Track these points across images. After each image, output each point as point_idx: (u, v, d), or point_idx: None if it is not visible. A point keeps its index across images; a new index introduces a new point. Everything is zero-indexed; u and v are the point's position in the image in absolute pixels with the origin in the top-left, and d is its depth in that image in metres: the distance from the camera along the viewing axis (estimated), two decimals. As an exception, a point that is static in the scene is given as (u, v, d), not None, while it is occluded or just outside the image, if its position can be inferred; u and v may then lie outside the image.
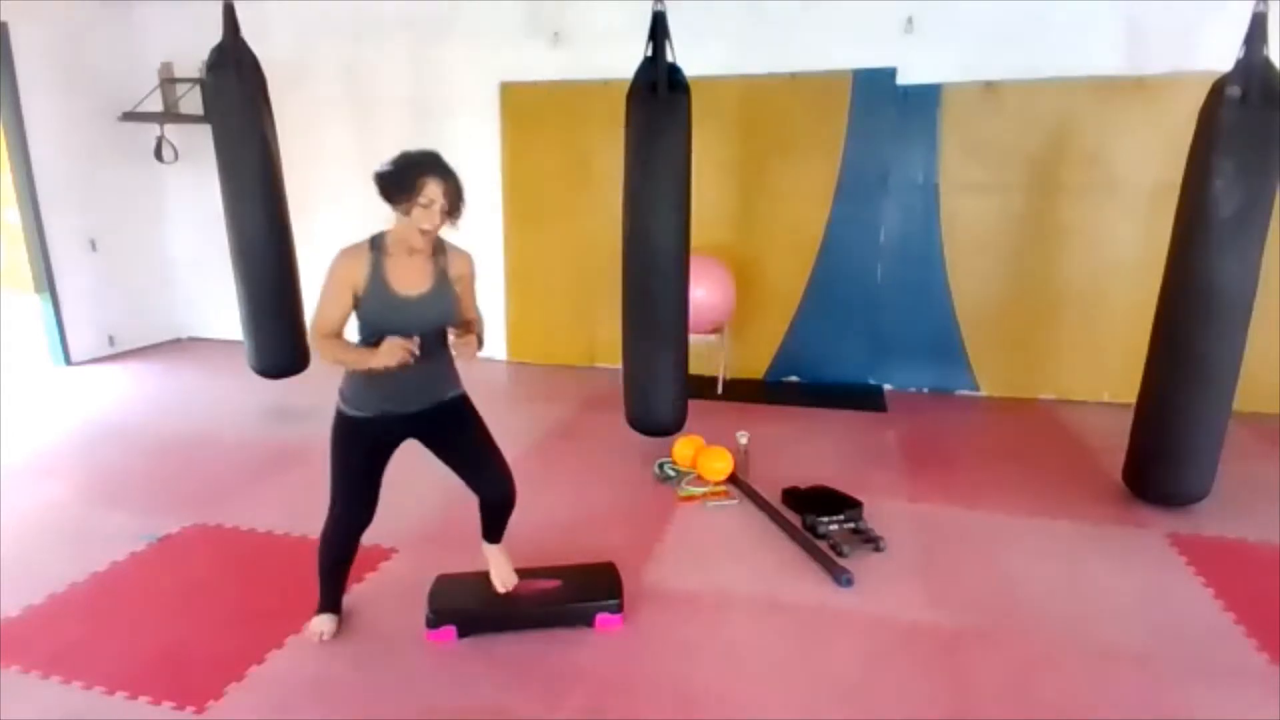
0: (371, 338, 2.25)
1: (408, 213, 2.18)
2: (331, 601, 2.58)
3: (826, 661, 2.44)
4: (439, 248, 2.32)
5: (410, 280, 2.26)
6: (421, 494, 3.61)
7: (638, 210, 3.56)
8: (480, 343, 2.34)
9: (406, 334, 2.20)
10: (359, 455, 2.40)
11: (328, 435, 2.40)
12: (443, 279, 2.31)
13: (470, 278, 2.40)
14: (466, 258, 2.39)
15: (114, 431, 4.48)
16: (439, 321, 2.31)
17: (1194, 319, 3.18)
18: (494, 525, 2.62)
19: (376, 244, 2.27)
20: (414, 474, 3.83)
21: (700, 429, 3.93)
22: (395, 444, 2.44)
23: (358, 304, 2.25)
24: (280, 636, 2.54)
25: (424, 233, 2.20)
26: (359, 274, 2.24)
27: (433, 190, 2.15)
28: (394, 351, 2.15)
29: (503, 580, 2.63)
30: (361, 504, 2.45)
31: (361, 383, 2.30)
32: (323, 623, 2.54)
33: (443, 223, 2.21)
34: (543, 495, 2.68)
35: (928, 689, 2.31)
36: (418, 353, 2.18)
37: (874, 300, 5.15)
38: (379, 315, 2.25)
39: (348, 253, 2.28)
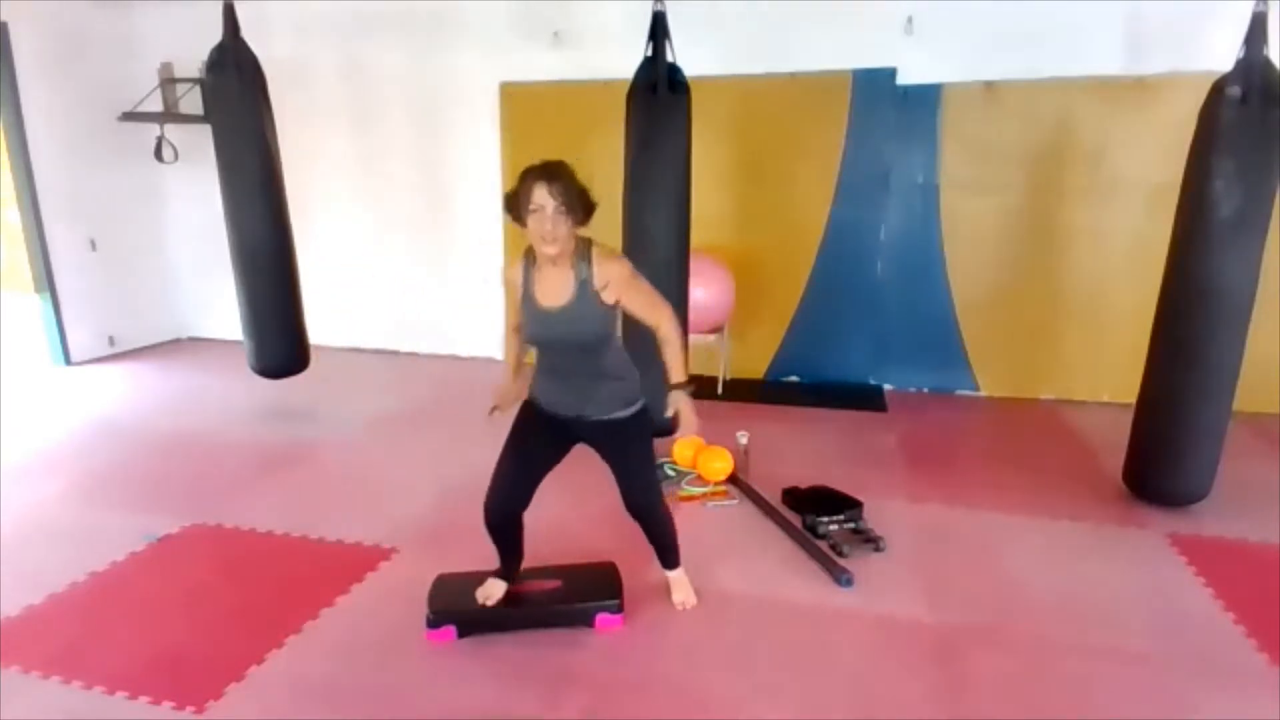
0: (531, 346, 2.45)
1: (526, 226, 2.21)
2: (504, 568, 2.62)
3: (826, 661, 2.44)
4: (584, 257, 2.28)
5: (552, 292, 2.29)
6: (421, 494, 3.62)
7: (638, 210, 3.56)
8: (689, 390, 2.45)
9: (550, 345, 2.37)
10: (520, 431, 2.49)
11: (327, 436, 2.41)
12: (584, 290, 2.27)
13: (623, 280, 2.30)
14: (615, 262, 2.31)
15: (114, 432, 4.48)
16: (580, 334, 2.31)
17: (1194, 319, 3.18)
18: (656, 550, 2.69)
19: (529, 255, 2.33)
20: (414, 474, 3.86)
21: (700, 429, 3.92)
22: (560, 440, 2.49)
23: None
24: (280, 636, 2.55)
25: (545, 240, 2.19)
26: (516, 283, 2.37)
27: (539, 196, 2.15)
28: (497, 400, 2.52)
29: (682, 602, 2.69)
30: (507, 480, 2.48)
31: (536, 374, 2.48)
32: (489, 586, 2.60)
33: (561, 227, 2.18)
34: (543, 495, 2.67)
35: (928, 689, 2.31)
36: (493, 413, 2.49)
37: (874, 300, 5.15)
38: (528, 325, 2.37)
39: (512, 263, 2.40)
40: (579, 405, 2.41)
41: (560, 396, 2.42)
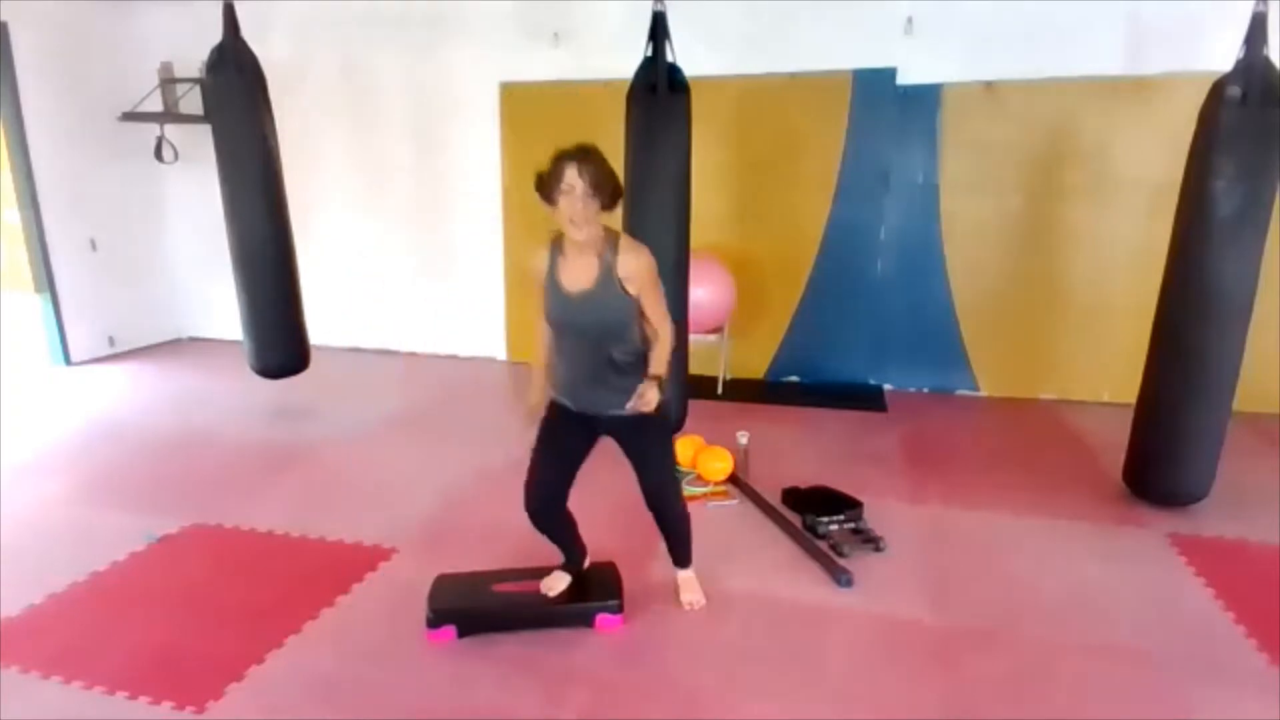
0: (554, 332, 2.41)
1: (556, 204, 2.21)
2: (566, 559, 2.66)
3: (826, 662, 2.44)
4: (611, 246, 2.29)
5: (576, 277, 2.30)
6: (421, 494, 3.62)
7: (638, 210, 3.56)
8: (661, 384, 2.38)
9: (571, 330, 2.35)
10: (545, 428, 2.50)
11: (327, 436, 2.41)
12: (608, 277, 2.28)
13: (643, 276, 2.30)
14: (638, 254, 2.31)
15: (114, 432, 4.48)
16: (601, 321, 2.32)
17: (1194, 319, 3.18)
18: (669, 546, 2.72)
19: (556, 241, 2.33)
20: (414, 474, 3.85)
21: (700, 429, 3.93)
22: (584, 435, 2.49)
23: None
24: (280, 636, 2.55)
25: (573, 223, 2.20)
26: (540, 268, 2.35)
27: (570, 176, 2.17)
28: (526, 410, 2.52)
29: (690, 602, 2.69)
30: (539, 478, 2.50)
31: (555, 369, 2.48)
32: (553, 579, 2.63)
33: (591, 208, 2.20)
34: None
35: (928, 689, 2.31)
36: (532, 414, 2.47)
37: (874, 300, 5.15)
38: (550, 309, 2.35)
39: (534, 249, 2.39)
40: (598, 400, 2.41)
41: (581, 392, 2.42)
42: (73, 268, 5.74)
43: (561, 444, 2.49)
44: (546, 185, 2.23)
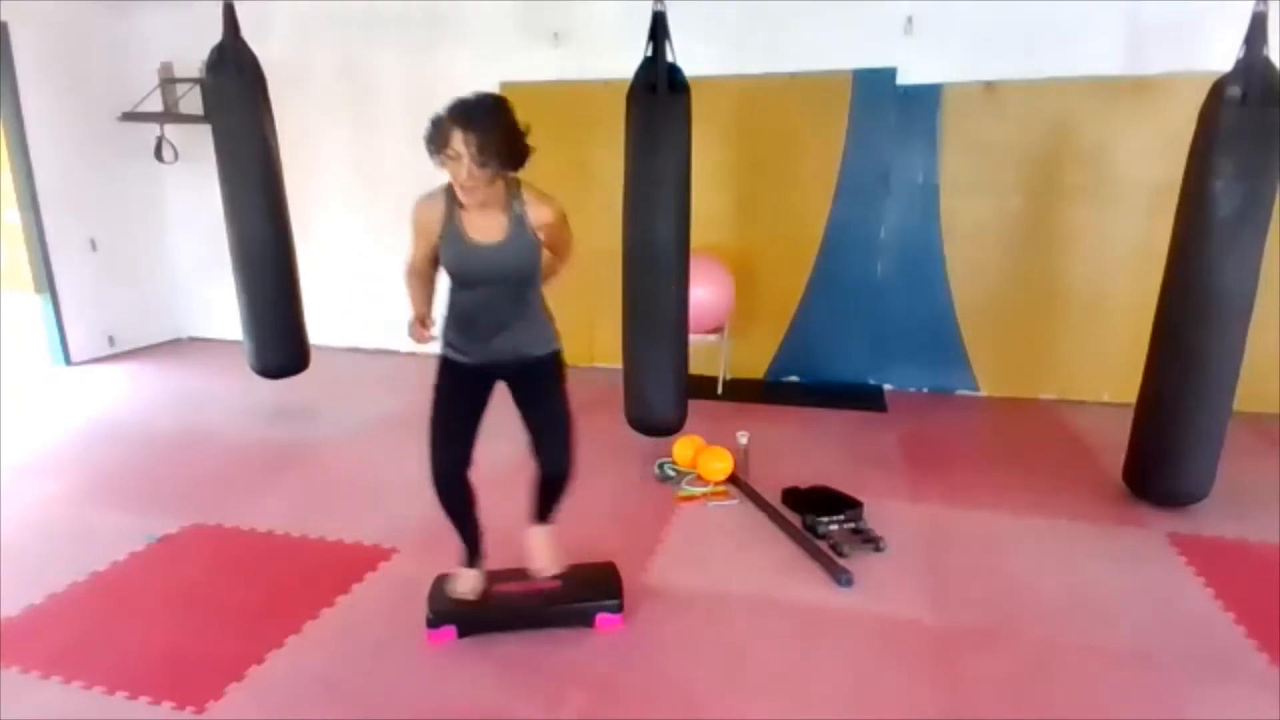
0: (457, 285, 2.29)
1: (443, 166, 2.11)
2: (468, 554, 2.56)
3: (826, 662, 2.44)
4: (515, 196, 2.23)
5: (484, 228, 2.21)
6: (421, 494, 3.61)
7: (638, 210, 3.56)
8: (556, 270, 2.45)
9: (483, 280, 2.25)
10: (445, 390, 2.41)
11: (327, 436, 2.40)
12: (519, 227, 2.22)
13: (559, 222, 2.28)
14: (549, 204, 2.26)
15: (114, 432, 4.48)
16: (516, 270, 2.26)
17: (1194, 319, 3.18)
18: (542, 500, 2.58)
19: (450, 192, 2.21)
20: (414, 474, 3.84)
21: (700, 429, 3.93)
22: (484, 388, 2.42)
23: (438, 250, 2.27)
24: (280, 636, 2.55)
25: (462, 190, 2.11)
26: (434, 221, 2.24)
27: (456, 142, 2.03)
28: (412, 329, 2.35)
29: (541, 566, 2.59)
30: (448, 442, 2.41)
31: (448, 324, 2.37)
32: (465, 581, 2.55)
33: (476, 175, 2.07)
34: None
35: (927, 689, 2.31)
36: (424, 338, 2.33)
37: (874, 300, 5.15)
38: (457, 262, 2.24)
39: (422, 200, 2.27)
40: (504, 345, 2.34)
41: (484, 341, 2.33)
42: (73, 268, 5.74)
43: (464, 403, 2.40)
44: (434, 147, 2.08)
